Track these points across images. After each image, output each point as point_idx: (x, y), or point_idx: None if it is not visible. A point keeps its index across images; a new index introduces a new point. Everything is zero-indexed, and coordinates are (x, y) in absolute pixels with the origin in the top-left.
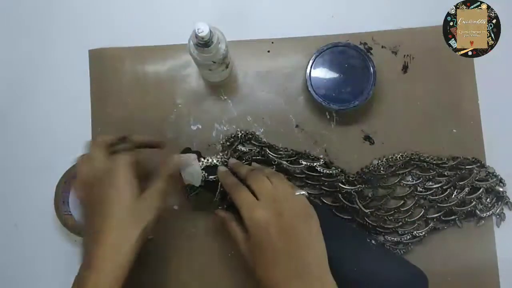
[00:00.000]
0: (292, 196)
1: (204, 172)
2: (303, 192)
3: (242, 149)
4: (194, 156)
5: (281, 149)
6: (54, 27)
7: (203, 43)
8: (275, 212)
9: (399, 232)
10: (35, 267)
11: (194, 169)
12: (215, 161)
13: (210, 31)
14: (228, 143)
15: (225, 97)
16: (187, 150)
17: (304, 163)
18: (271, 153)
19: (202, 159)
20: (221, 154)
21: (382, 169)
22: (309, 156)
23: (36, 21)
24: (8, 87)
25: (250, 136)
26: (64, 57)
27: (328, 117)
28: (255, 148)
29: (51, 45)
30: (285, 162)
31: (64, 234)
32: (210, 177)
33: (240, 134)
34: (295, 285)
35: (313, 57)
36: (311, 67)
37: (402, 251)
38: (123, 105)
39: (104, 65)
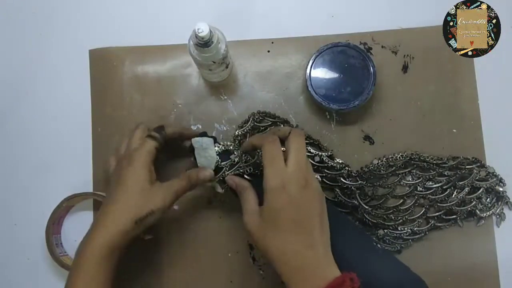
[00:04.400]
0: (313, 174)
1: (218, 157)
2: (317, 176)
3: (260, 125)
4: (210, 140)
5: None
6: (54, 27)
7: (203, 43)
8: (301, 184)
9: (399, 229)
10: (35, 267)
11: (209, 154)
12: (230, 147)
13: (210, 31)
14: (241, 132)
15: (225, 97)
16: (204, 134)
17: (312, 151)
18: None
19: (218, 144)
20: (236, 135)
21: (382, 169)
22: (319, 145)
23: (36, 21)
24: (8, 87)
25: (263, 114)
26: (64, 57)
27: (328, 117)
28: (270, 124)
29: (51, 45)
30: None
31: (64, 235)
32: (223, 163)
33: (254, 117)
34: (308, 255)
35: (313, 57)
36: (311, 67)
37: (401, 246)
38: (123, 105)
39: (104, 65)
